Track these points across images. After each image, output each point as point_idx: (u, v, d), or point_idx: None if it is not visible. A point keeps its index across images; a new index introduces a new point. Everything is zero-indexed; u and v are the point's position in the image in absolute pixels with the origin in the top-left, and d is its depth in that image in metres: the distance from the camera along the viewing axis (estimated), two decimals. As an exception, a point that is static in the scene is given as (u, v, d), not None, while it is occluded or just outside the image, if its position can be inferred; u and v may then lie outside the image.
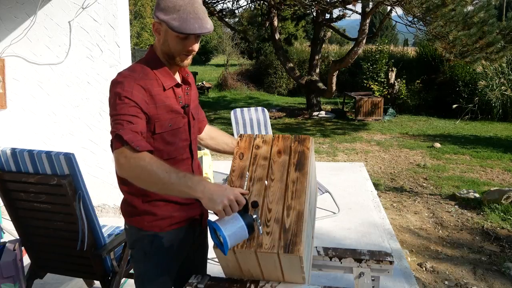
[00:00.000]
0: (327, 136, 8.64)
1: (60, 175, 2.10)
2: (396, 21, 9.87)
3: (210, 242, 1.66)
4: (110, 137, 1.59)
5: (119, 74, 1.53)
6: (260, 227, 1.38)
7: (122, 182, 1.63)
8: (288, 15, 13.29)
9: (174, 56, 1.54)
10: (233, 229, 1.28)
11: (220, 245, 1.31)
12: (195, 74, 15.71)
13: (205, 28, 1.47)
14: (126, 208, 1.66)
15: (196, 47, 1.54)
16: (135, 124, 1.43)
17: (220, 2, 11.58)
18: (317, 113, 11.01)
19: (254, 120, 4.77)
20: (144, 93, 1.48)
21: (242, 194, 1.36)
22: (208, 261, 2.87)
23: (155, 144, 1.54)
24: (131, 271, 2.35)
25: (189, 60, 1.57)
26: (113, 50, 3.76)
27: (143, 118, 1.47)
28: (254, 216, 1.35)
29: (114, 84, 1.49)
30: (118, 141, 1.40)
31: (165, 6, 1.46)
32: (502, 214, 4.34)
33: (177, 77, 1.64)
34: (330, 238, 3.64)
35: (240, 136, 1.69)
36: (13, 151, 2.14)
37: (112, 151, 1.43)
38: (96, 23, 3.74)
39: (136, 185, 1.42)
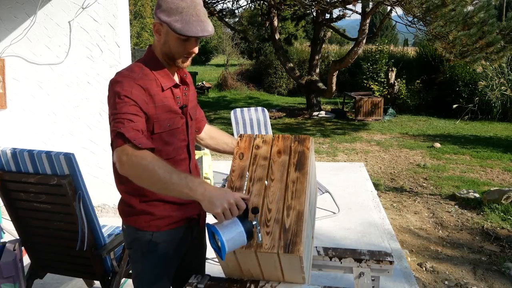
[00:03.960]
0: (327, 136, 8.64)
1: (60, 175, 2.10)
2: (396, 21, 9.87)
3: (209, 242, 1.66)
4: (110, 137, 1.59)
5: (118, 73, 1.53)
6: (260, 235, 1.36)
7: (120, 182, 1.63)
8: (288, 15, 13.28)
9: (175, 58, 1.55)
10: (232, 234, 1.27)
11: (217, 250, 1.30)
12: (195, 74, 15.69)
13: (207, 31, 1.48)
14: (124, 208, 1.66)
15: (196, 49, 1.55)
16: (136, 122, 1.43)
17: (220, 2, 11.58)
18: (317, 113, 11.01)
19: (254, 120, 4.77)
20: (143, 93, 1.48)
21: (243, 199, 1.35)
22: (208, 261, 2.87)
23: (153, 144, 1.54)
24: (131, 271, 2.34)
25: (188, 61, 1.58)
26: (113, 50, 3.76)
27: (143, 117, 1.47)
28: (254, 223, 1.33)
29: (113, 83, 1.49)
30: (119, 139, 1.39)
31: (167, 8, 1.46)
32: (502, 214, 4.34)
33: (176, 78, 1.64)
34: (330, 238, 3.64)
35: (240, 136, 1.69)
36: (13, 151, 2.14)
37: (113, 150, 1.42)
38: (96, 23, 3.74)
39: (136, 184, 1.41)
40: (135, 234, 1.62)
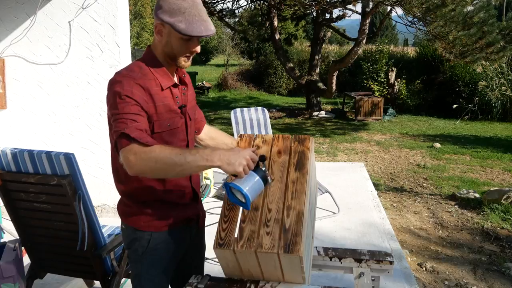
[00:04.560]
0: (327, 136, 8.64)
1: (60, 175, 2.10)
2: (396, 21, 9.88)
3: (209, 242, 1.66)
4: (111, 137, 1.58)
5: (117, 73, 1.52)
6: (269, 177, 1.47)
7: (119, 181, 1.64)
8: (288, 15, 13.28)
9: (177, 58, 1.55)
10: (250, 184, 1.38)
11: (240, 203, 1.41)
12: (195, 74, 15.69)
13: (210, 30, 1.49)
14: (123, 208, 1.66)
15: (199, 48, 1.56)
16: (139, 122, 1.43)
17: (220, 2, 11.58)
18: (317, 113, 11.01)
19: (254, 120, 4.77)
20: (143, 92, 1.48)
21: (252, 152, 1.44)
22: (208, 261, 2.87)
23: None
24: (130, 271, 2.34)
25: (189, 61, 1.59)
26: (113, 50, 3.76)
27: (145, 116, 1.47)
28: (263, 169, 1.45)
29: (113, 83, 1.49)
30: (124, 139, 1.39)
31: (169, 9, 1.46)
32: (502, 214, 4.34)
33: (174, 78, 1.64)
34: (330, 238, 3.64)
35: (240, 136, 1.69)
36: (13, 151, 2.14)
37: (118, 151, 1.41)
38: (96, 23, 3.74)
39: (153, 177, 1.43)
40: (134, 234, 1.62)
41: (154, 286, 1.66)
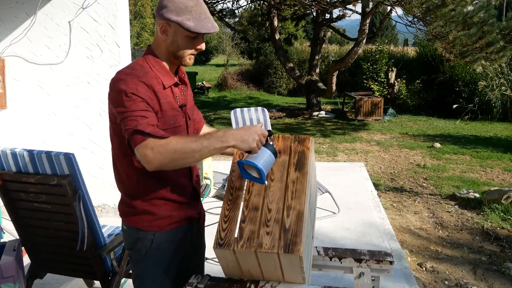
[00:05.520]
0: (327, 136, 8.64)
1: (60, 175, 2.10)
2: (396, 21, 9.87)
3: (209, 242, 1.66)
4: (109, 137, 1.58)
5: (120, 72, 1.52)
6: (276, 149, 1.55)
7: (120, 181, 1.63)
8: (288, 15, 13.28)
9: (182, 56, 1.56)
10: (263, 158, 1.45)
11: (255, 179, 1.47)
12: (195, 74, 15.68)
13: (216, 27, 1.52)
14: (124, 208, 1.65)
15: (204, 45, 1.58)
16: (149, 118, 1.44)
17: (220, 2, 11.58)
18: (317, 113, 11.01)
19: (254, 120, 4.77)
20: (148, 90, 1.48)
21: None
22: (208, 261, 2.87)
23: None
24: (132, 271, 2.35)
25: (193, 59, 1.60)
26: (113, 50, 3.76)
27: (153, 112, 1.48)
28: (271, 143, 1.51)
29: (116, 81, 1.48)
30: (139, 135, 1.40)
31: (175, 8, 1.47)
32: (502, 214, 4.34)
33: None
34: (330, 238, 3.64)
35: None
36: (13, 151, 2.14)
37: (133, 148, 1.41)
38: (96, 23, 3.74)
39: (174, 168, 1.45)
40: (137, 235, 1.62)
41: (157, 286, 1.65)
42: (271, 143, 1.50)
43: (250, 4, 12.05)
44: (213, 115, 11.24)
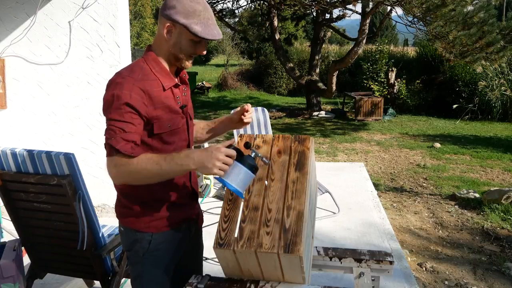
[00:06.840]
0: (327, 136, 8.64)
1: (60, 175, 2.10)
2: (396, 21, 9.87)
3: (208, 242, 1.66)
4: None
5: (118, 74, 1.51)
6: (264, 158, 1.49)
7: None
8: (288, 15, 13.28)
9: (182, 58, 1.55)
10: (238, 176, 1.38)
11: (237, 192, 1.41)
12: (195, 74, 15.68)
13: (220, 35, 1.53)
14: (121, 210, 1.64)
15: (205, 51, 1.58)
16: (127, 133, 1.44)
17: (220, 2, 11.58)
18: (317, 113, 11.00)
19: (254, 120, 4.77)
20: (143, 96, 1.47)
21: (229, 146, 1.41)
22: (208, 261, 2.88)
23: (153, 144, 1.54)
24: (130, 273, 2.34)
25: (191, 63, 1.60)
26: (113, 50, 3.76)
27: (139, 123, 1.47)
28: (253, 154, 1.44)
29: (112, 84, 1.48)
30: (110, 149, 1.44)
31: (184, 10, 1.46)
32: (502, 214, 4.34)
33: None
34: (330, 238, 3.64)
35: (240, 136, 1.69)
36: (13, 151, 2.14)
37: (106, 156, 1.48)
38: (96, 23, 3.74)
39: (141, 184, 1.48)
40: (134, 236, 1.61)
41: (156, 287, 1.65)
42: (252, 154, 1.44)
43: (250, 4, 12.05)
44: (213, 115, 11.24)
